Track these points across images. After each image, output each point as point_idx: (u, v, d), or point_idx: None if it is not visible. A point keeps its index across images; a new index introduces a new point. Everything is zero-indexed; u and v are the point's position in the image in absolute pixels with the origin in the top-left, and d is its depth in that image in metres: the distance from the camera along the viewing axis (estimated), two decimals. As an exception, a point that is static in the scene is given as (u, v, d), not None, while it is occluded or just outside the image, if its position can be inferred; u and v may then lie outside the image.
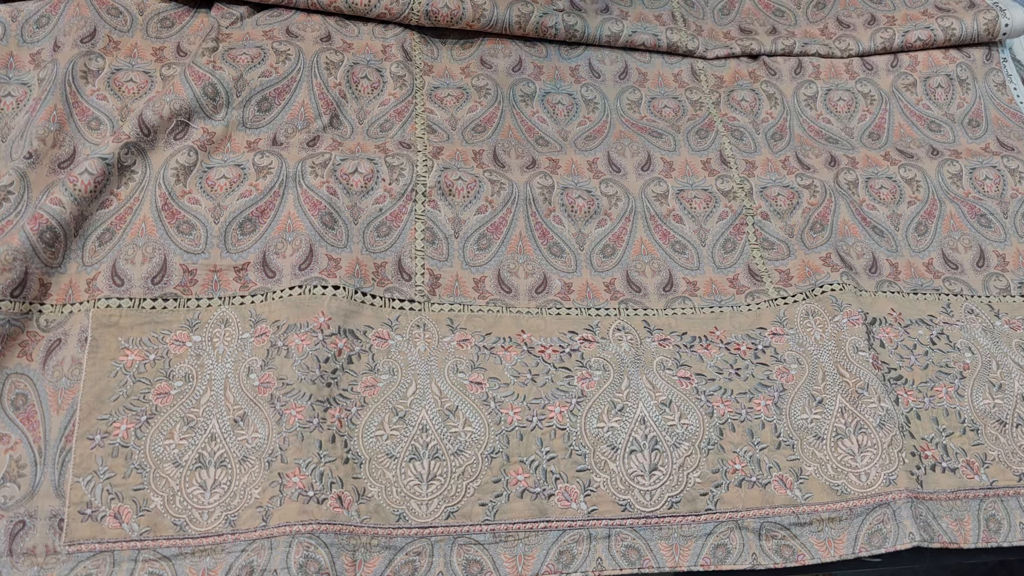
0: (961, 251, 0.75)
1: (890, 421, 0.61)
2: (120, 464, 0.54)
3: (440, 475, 0.56)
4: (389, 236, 0.66)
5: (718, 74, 0.84)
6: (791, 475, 0.59)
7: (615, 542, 0.56)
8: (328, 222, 0.65)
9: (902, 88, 0.87)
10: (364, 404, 0.58)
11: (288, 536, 0.52)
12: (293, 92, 0.71)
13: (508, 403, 0.59)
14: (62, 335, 0.58)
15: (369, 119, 0.73)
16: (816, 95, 0.84)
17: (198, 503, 0.54)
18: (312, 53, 0.73)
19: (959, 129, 0.85)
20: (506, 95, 0.78)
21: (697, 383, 0.62)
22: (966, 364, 0.66)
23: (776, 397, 0.62)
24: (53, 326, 0.58)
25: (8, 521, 0.52)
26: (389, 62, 0.76)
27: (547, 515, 0.56)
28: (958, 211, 0.77)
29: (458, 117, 0.75)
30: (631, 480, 0.57)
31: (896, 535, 0.57)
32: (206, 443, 0.56)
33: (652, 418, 0.60)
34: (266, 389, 0.57)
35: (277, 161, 0.67)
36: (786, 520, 0.57)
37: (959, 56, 0.89)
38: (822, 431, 0.61)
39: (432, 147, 0.72)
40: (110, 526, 0.53)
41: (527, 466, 0.57)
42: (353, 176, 0.68)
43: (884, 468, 0.59)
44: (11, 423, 0.55)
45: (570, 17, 0.81)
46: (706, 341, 0.65)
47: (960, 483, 0.61)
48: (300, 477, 0.54)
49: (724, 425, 0.60)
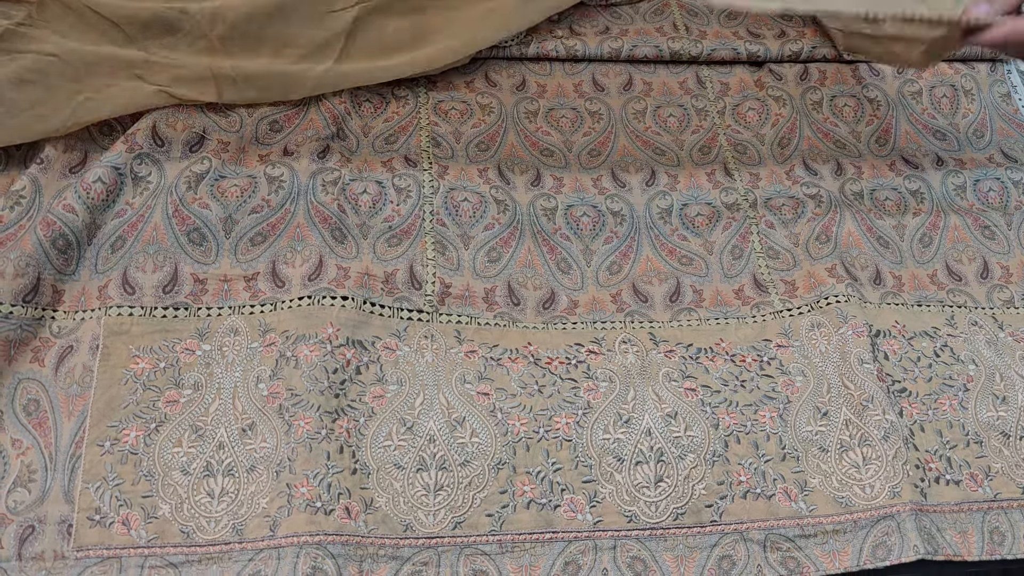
0: (965, 263, 0.75)
1: (894, 433, 0.61)
2: (129, 471, 0.55)
3: (447, 486, 0.56)
4: (400, 246, 0.67)
5: (723, 80, 0.85)
6: (796, 487, 0.59)
7: (620, 553, 0.56)
8: (338, 237, 0.65)
9: (908, 95, 0.87)
10: (372, 414, 0.58)
11: (296, 547, 0.52)
12: (303, 117, 0.72)
13: (515, 414, 0.60)
14: (74, 342, 0.58)
15: (374, 133, 0.74)
16: (822, 100, 0.84)
17: (205, 511, 0.54)
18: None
19: (964, 139, 0.85)
20: (510, 113, 0.78)
21: (703, 395, 0.62)
22: (970, 376, 0.67)
23: (781, 409, 0.63)
24: (65, 332, 0.58)
25: (18, 526, 0.53)
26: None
27: (553, 526, 0.56)
28: (962, 223, 0.78)
29: (462, 132, 0.75)
30: (636, 491, 0.58)
31: (901, 548, 0.57)
32: (214, 451, 0.56)
33: (658, 430, 0.60)
34: (275, 399, 0.58)
35: (288, 173, 0.68)
36: (791, 532, 0.58)
37: (963, 68, 0.90)
38: (827, 443, 0.61)
39: (438, 165, 0.72)
40: (118, 532, 0.53)
41: (533, 477, 0.58)
42: (362, 196, 0.69)
43: (889, 480, 0.59)
44: (23, 428, 0.55)
45: (569, 40, 0.82)
46: (712, 353, 0.65)
47: (964, 495, 0.61)
48: (308, 488, 0.54)
49: (729, 437, 0.61)
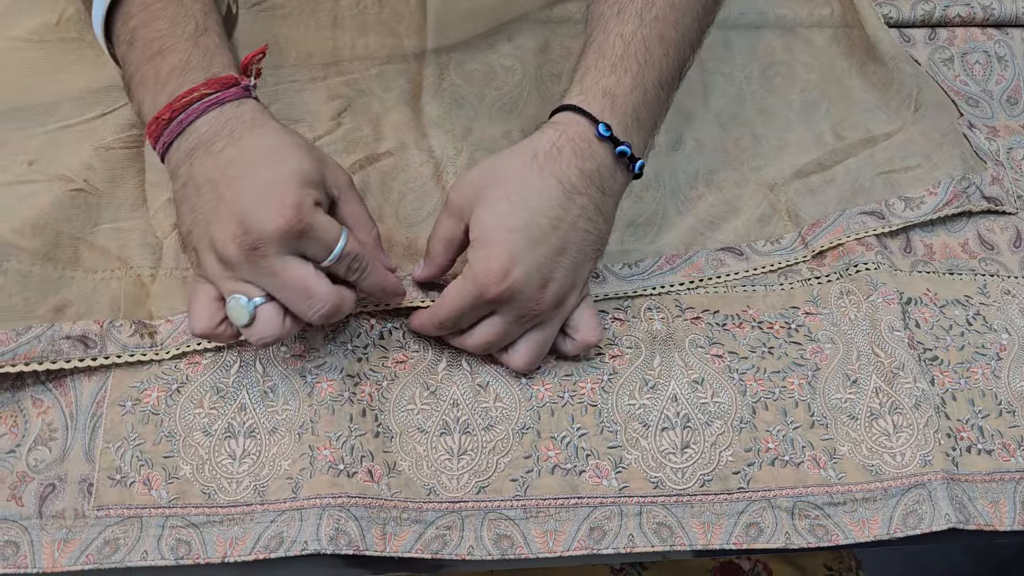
0: (997, 232, 0.73)
1: (926, 402, 0.60)
2: (150, 431, 0.54)
3: (471, 450, 0.56)
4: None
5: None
6: (825, 455, 0.58)
7: (646, 519, 0.55)
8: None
9: (939, 62, 0.85)
10: (395, 378, 0.58)
11: (319, 508, 0.52)
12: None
13: (539, 379, 0.59)
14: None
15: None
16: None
17: (227, 472, 0.54)
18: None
19: (997, 106, 0.83)
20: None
21: (730, 361, 0.61)
22: (1003, 345, 0.65)
23: (810, 376, 0.61)
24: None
25: (39, 484, 0.52)
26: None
27: (578, 491, 0.55)
28: (994, 191, 0.76)
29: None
30: (663, 457, 0.57)
31: (932, 516, 0.56)
32: (236, 413, 0.56)
33: (684, 396, 0.59)
34: (297, 361, 0.57)
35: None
36: (819, 500, 0.57)
37: (997, 33, 0.87)
38: (856, 411, 0.60)
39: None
40: (139, 492, 0.53)
41: (558, 442, 0.57)
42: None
43: (920, 449, 0.58)
44: (45, 388, 0.55)
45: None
46: (739, 320, 0.64)
47: (996, 465, 0.60)
48: (331, 450, 0.54)
49: (757, 404, 0.60)
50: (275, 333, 0.49)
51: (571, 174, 0.50)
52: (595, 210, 0.52)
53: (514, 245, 0.49)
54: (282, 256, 0.47)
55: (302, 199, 0.47)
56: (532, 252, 0.50)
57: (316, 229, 0.48)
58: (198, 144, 0.48)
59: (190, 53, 0.49)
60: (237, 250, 0.47)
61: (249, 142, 0.48)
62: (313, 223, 0.47)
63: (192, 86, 0.48)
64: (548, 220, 0.50)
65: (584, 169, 0.51)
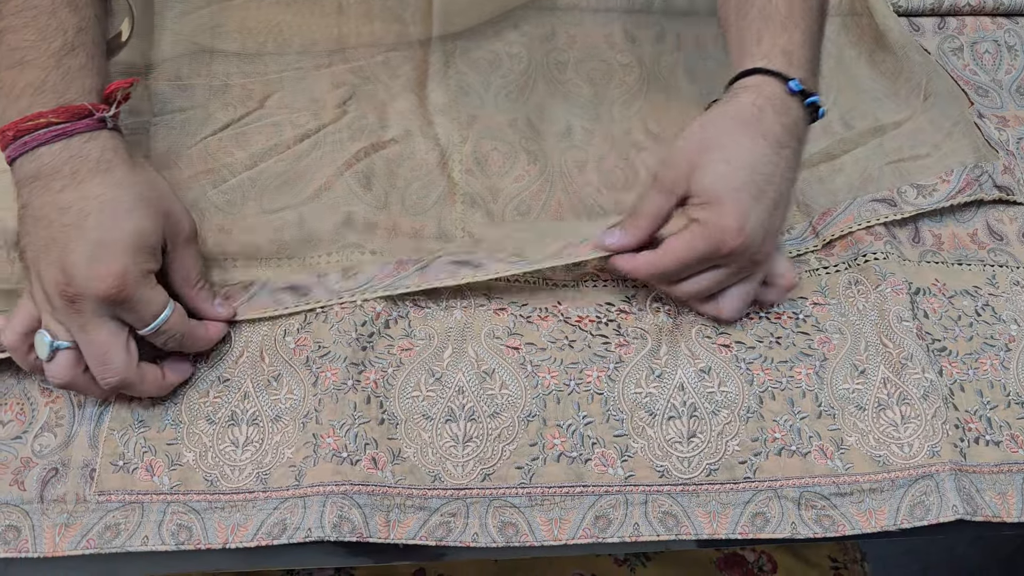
0: (1006, 222, 0.73)
1: (934, 392, 0.59)
2: (155, 418, 0.54)
3: (476, 437, 0.55)
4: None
5: None
6: (832, 445, 0.58)
7: (652, 508, 0.55)
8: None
9: (948, 51, 0.84)
10: (400, 365, 0.57)
11: (322, 496, 0.52)
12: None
13: (545, 367, 0.59)
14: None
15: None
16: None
17: (230, 460, 0.54)
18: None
19: (1006, 96, 0.82)
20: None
21: (737, 351, 0.61)
22: (1012, 336, 0.65)
23: (817, 366, 0.61)
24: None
25: (41, 468, 0.52)
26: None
27: (583, 480, 0.55)
28: (1004, 181, 0.75)
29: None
30: (669, 446, 0.57)
31: (939, 507, 0.56)
32: (239, 401, 0.55)
33: (691, 385, 0.59)
34: (302, 351, 0.57)
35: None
36: (826, 490, 0.56)
37: (1007, 22, 0.87)
38: (864, 401, 0.60)
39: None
40: (141, 478, 0.53)
41: (564, 430, 0.57)
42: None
43: (928, 440, 0.58)
44: None
45: None
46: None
47: (1004, 456, 0.59)
48: (334, 438, 0.53)
49: (764, 393, 0.59)
50: (66, 379, 0.50)
51: (775, 130, 0.53)
52: (796, 159, 0.56)
53: (743, 202, 0.52)
54: (98, 316, 0.47)
55: (128, 269, 0.47)
56: (757, 207, 0.52)
57: (138, 301, 0.48)
58: (39, 174, 0.47)
59: (48, 73, 0.47)
60: (57, 296, 0.47)
61: (89, 190, 0.47)
62: (134, 295, 0.48)
63: (41, 110, 0.47)
64: (763, 176, 0.53)
65: (785, 124, 0.54)
